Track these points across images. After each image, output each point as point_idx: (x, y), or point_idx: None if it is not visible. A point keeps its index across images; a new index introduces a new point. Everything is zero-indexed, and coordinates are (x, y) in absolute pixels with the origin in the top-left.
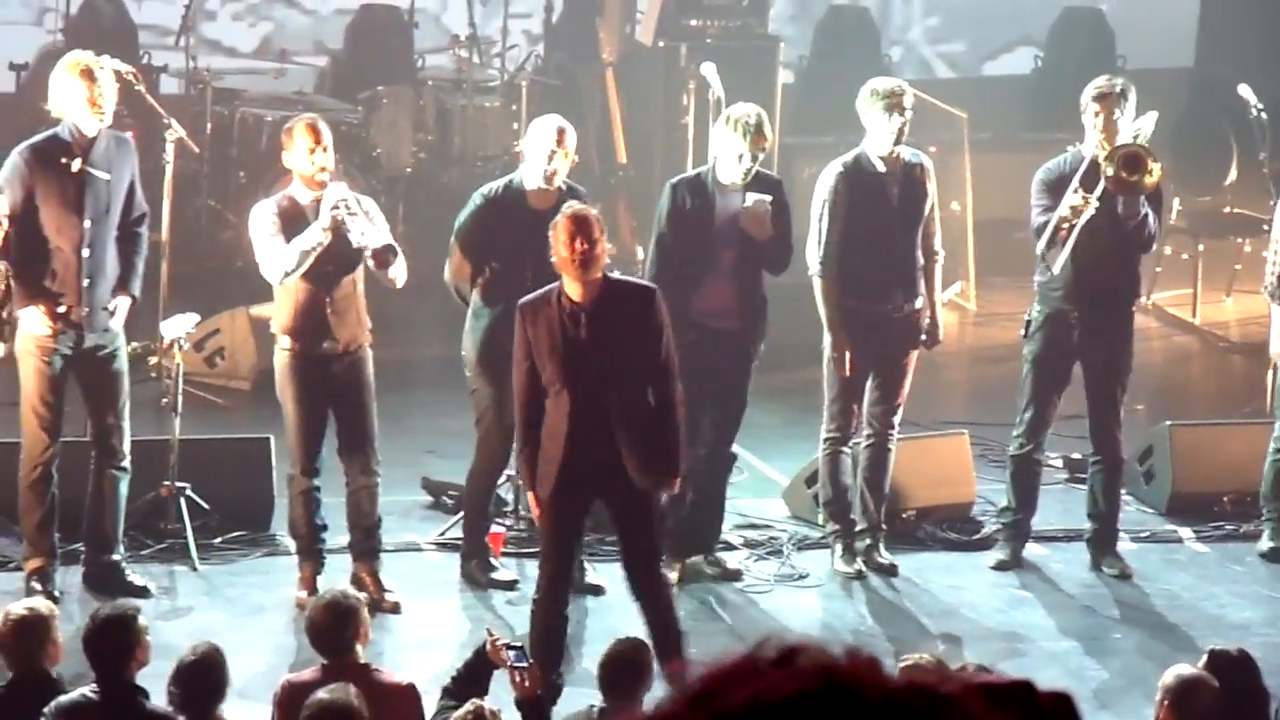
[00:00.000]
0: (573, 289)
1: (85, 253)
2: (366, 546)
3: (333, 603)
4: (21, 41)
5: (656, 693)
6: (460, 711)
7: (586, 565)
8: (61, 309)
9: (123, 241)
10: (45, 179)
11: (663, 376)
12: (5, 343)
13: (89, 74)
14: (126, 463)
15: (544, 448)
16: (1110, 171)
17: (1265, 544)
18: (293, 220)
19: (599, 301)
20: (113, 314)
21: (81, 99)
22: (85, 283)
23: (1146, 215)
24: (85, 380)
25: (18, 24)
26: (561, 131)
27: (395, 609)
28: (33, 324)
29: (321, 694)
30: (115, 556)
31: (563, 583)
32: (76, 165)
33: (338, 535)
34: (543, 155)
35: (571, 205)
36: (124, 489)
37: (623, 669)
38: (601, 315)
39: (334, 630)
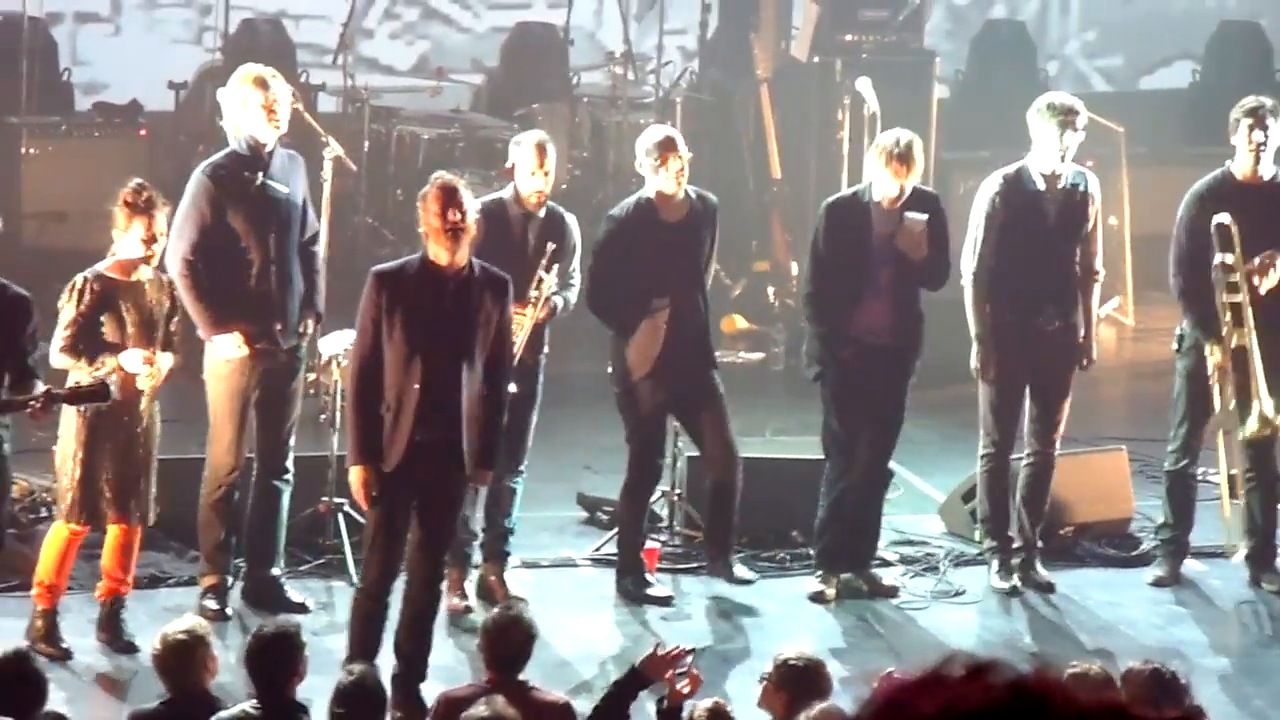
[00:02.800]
0: (440, 257)
1: (273, 269)
2: (499, 548)
3: (519, 621)
4: (181, 60)
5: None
6: (700, 709)
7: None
8: (255, 328)
9: (300, 260)
10: (232, 197)
11: (502, 371)
12: (175, 354)
13: (262, 82)
14: (290, 476)
15: (388, 423)
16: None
17: None
18: (496, 227)
19: (461, 275)
20: (304, 334)
21: (257, 106)
22: (277, 298)
23: None
24: (265, 395)
25: (178, 43)
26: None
27: None
28: (227, 348)
29: (477, 709)
30: (275, 571)
31: (394, 569)
32: (259, 180)
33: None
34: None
35: (441, 175)
36: (286, 502)
37: (803, 681)
38: (462, 289)
39: (516, 648)
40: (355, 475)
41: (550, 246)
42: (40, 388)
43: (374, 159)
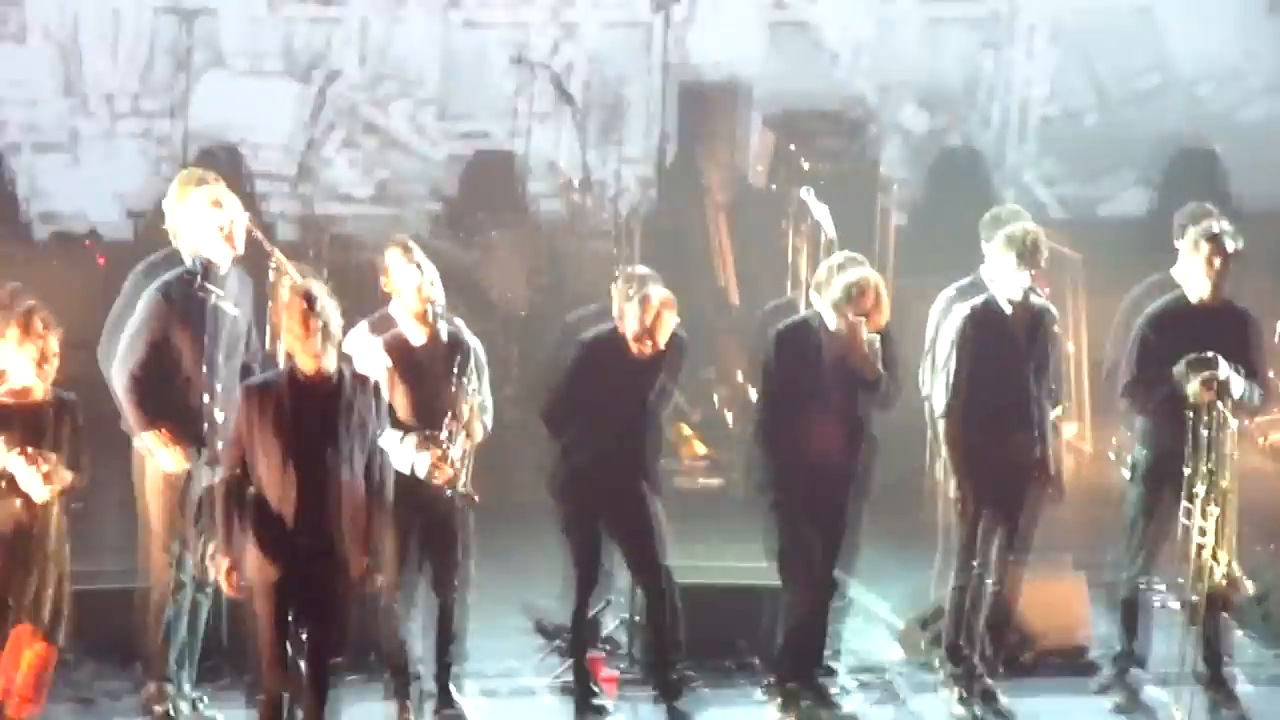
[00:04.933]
0: (307, 364)
1: (218, 387)
2: (444, 673)
3: None
4: (139, 189)
5: None
6: None
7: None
8: (196, 444)
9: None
10: (182, 315)
11: (380, 470)
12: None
13: (218, 203)
14: (209, 588)
15: (267, 530)
16: None
17: None
18: (408, 364)
19: (330, 382)
20: None
21: (213, 227)
22: (220, 418)
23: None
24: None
25: (136, 172)
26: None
27: None
28: (167, 462)
29: None
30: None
31: (288, 671)
32: (212, 300)
33: None
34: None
35: (305, 284)
36: (204, 614)
37: None
38: (331, 396)
39: None
40: (227, 580)
41: (470, 385)
42: None
43: (334, 288)
